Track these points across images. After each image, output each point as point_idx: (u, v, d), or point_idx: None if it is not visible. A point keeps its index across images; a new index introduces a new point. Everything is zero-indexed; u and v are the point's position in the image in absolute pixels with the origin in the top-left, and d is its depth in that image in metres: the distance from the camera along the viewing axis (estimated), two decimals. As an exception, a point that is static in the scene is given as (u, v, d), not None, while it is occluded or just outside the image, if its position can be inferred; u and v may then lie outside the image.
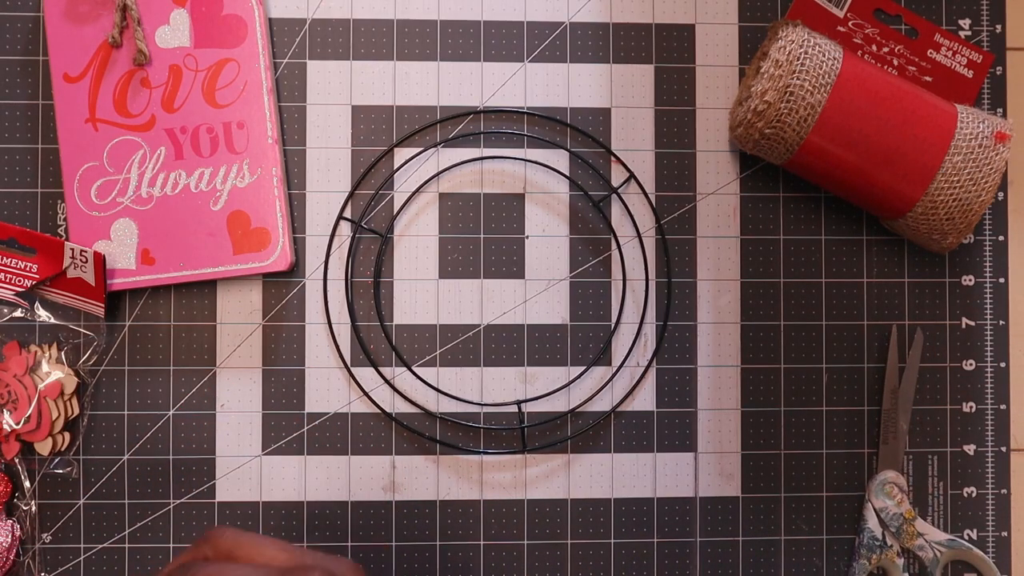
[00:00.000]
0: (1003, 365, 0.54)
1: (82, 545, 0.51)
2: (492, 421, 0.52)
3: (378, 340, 0.52)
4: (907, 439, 0.53)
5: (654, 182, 0.53)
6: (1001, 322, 0.54)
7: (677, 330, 0.53)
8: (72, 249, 0.49)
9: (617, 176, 0.53)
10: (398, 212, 0.53)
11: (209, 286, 0.52)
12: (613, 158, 0.53)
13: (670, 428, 0.53)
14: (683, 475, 0.53)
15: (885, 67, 0.53)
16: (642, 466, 0.53)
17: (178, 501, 0.51)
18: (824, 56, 0.48)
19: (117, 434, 0.51)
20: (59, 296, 0.50)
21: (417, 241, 0.53)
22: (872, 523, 0.52)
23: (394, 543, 0.52)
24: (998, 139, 0.48)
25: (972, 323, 0.54)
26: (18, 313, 0.51)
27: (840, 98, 0.47)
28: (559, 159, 0.53)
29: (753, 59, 0.53)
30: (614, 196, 0.53)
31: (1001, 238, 0.54)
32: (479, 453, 0.52)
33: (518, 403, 0.52)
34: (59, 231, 0.52)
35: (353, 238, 0.52)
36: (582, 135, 0.53)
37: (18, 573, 0.51)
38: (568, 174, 0.53)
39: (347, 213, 0.52)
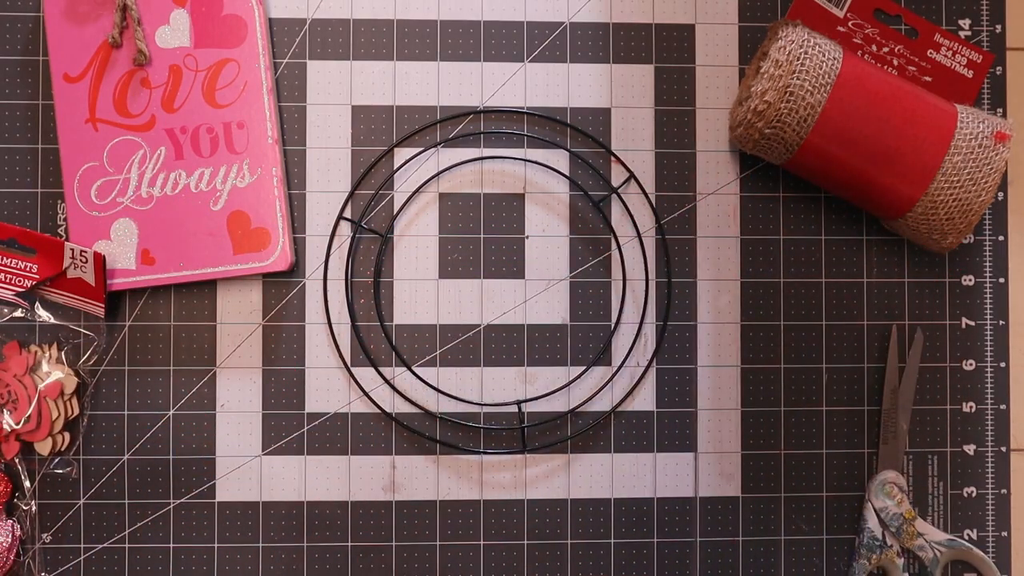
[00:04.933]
0: (1003, 365, 0.54)
1: (82, 545, 0.51)
2: (492, 421, 0.52)
3: (378, 340, 0.52)
4: (907, 439, 0.53)
5: (654, 182, 0.53)
6: (1001, 322, 0.54)
7: (677, 330, 0.53)
8: (72, 249, 0.49)
9: (617, 176, 0.53)
10: (398, 212, 0.53)
11: (209, 286, 0.52)
12: (613, 158, 0.53)
13: (670, 428, 0.53)
14: (683, 475, 0.53)
15: (885, 67, 0.53)
16: (642, 466, 0.53)
17: (178, 501, 0.51)
18: (824, 56, 0.48)
19: (117, 434, 0.51)
20: (59, 296, 0.50)
21: (417, 241, 0.53)
22: (872, 523, 0.52)
23: (394, 543, 0.52)
24: (998, 139, 0.48)
25: (972, 323, 0.54)
26: (18, 313, 0.51)
27: (840, 98, 0.47)
28: (559, 159, 0.53)
29: (753, 59, 0.53)
30: (614, 196, 0.53)
31: (1001, 238, 0.54)
32: (479, 453, 0.52)
33: (518, 403, 0.52)
34: (59, 231, 0.52)
35: (353, 238, 0.52)
36: (582, 135, 0.53)
37: (18, 573, 0.51)
38: (568, 174, 0.53)
39: (347, 213, 0.52)
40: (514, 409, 0.52)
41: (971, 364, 0.54)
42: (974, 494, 0.54)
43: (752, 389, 0.53)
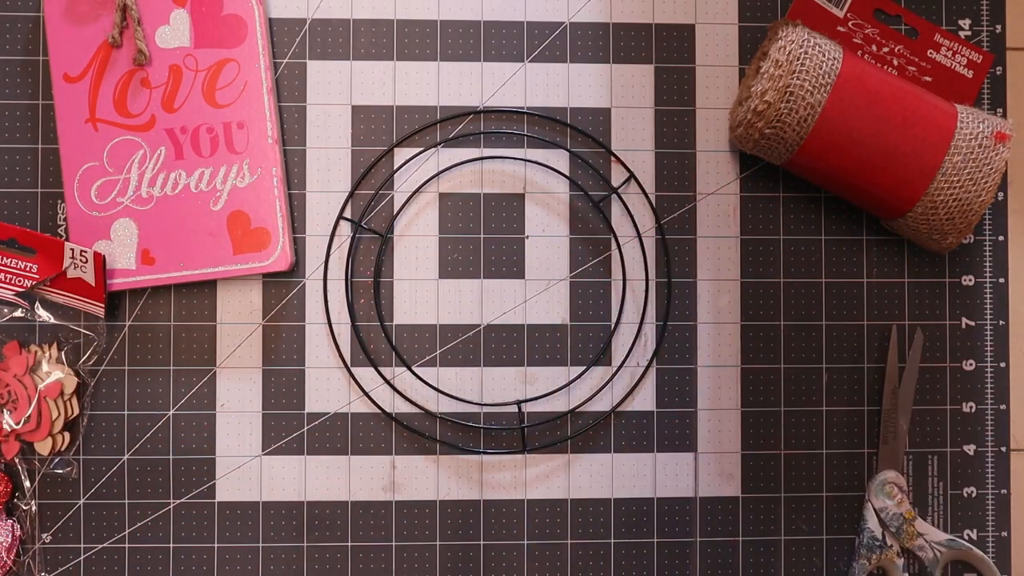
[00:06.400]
0: (1003, 365, 0.54)
1: (82, 545, 0.51)
2: (492, 421, 0.52)
3: (378, 340, 0.52)
4: (907, 439, 0.53)
5: (654, 182, 0.53)
6: (1001, 322, 0.54)
7: (677, 330, 0.53)
8: (72, 249, 0.49)
9: (617, 176, 0.53)
10: (398, 212, 0.53)
11: (209, 286, 0.52)
12: (613, 158, 0.53)
13: (670, 428, 0.53)
14: (683, 475, 0.53)
15: (885, 67, 0.53)
16: (642, 466, 0.53)
17: (178, 501, 0.51)
18: (824, 56, 0.48)
19: (117, 434, 0.51)
20: (59, 296, 0.50)
21: (417, 241, 0.53)
22: (872, 523, 0.52)
23: (394, 543, 0.52)
24: (998, 139, 0.48)
25: (972, 323, 0.54)
26: (18, 313, 0.51)
27: (840, 98, 0.47)
28: (559, 159, 0.53)
29: (753, 59, 0.53)
30: (614, 196, 0.53)
31: (1001, 238, 0.54)
32: (479, 453, 0.52)
33: (518, 403, 0.52)
34: (59, 231, 0.52)
35: (353, 238, 0.52)
36: (582, 135, 0.53)
37: (18, 573, 0.51)
38: (568, 174, 0.53)
39: (347, 213, 0.52)
40: (514, 409, 0.52)
41: (971, 364, 0.54)
42: (974, 494, 0.54)
43: (752, 389, 0.53)
